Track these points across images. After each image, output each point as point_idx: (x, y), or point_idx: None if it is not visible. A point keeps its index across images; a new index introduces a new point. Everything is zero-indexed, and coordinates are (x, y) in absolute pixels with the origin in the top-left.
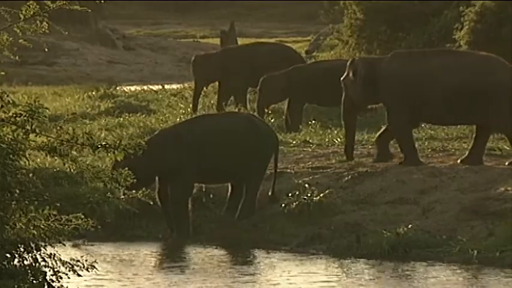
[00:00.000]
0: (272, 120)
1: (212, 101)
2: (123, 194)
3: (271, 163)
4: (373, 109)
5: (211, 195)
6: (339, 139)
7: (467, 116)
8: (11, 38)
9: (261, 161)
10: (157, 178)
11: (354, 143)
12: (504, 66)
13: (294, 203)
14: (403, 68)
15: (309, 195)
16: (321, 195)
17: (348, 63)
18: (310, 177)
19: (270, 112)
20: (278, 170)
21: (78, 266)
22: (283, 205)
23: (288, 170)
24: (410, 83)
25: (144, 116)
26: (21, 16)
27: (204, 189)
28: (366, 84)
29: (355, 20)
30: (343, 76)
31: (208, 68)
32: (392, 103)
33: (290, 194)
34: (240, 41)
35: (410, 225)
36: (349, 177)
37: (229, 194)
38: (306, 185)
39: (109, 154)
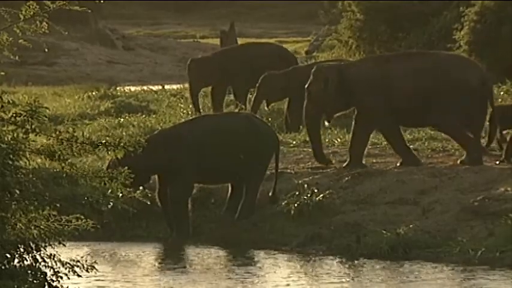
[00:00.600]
0: (271, 120)
1: None
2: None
3: (272, 163)
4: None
5: (211, 196)
6: (338, 139)
7: (432, 117)
8: (11, 38)
9: (261, 161)
10: (157, 178)
11: (321, 147)
12: (472, 65)
13: (294, 203)
14: (373, 71)
15: (309, 195)
16: (321, 195)
17: (312, 70)
18: (310, 178)
19: (268, 110)
20: (278, 170)
21: (78, 266)
22: (283, 205)
23: (288, 170)
24: (381, 86)
25: (144, 116)
26: (21, 16)
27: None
28: (339, 90)
29: (355, 21)
30: (308, 83)
31: (206, 70)
32: (374, 108)
33: (290, 194)
34: (240, 41)
35: (410, 226)
36: (349, 177)
37: (229, 194)
38: (306, 185)
39: (109, 152)
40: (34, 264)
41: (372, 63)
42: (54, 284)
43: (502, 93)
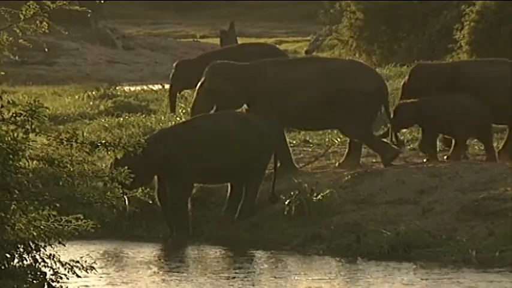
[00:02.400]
0: None
1: None
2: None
3: (271, 163)
4: None
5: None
6: (338, 139)
7: (328, 122)
8: (11, 38)
9: (260, 161)
10: (156, 178)
11: None
12: (368, 71)
13: (294, 203)
14: (270, 74)
15: (308, 195)
16: (321, 195)
17: (210, 66)
18: (310, 177)
19: None
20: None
21: (77, 267)
22: (283, 205)
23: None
24: (276, 89)
25: (144, 116)
26: (22, 16)
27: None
28: (236, 88)
29: (355, 21)
30: (204, 79)
31: (196, 73)
32: (264, 109)
33: (290, 194)
34: (240, 41)
35: (410, 225)
36: (349, 177)
37: (228, 194)
38: (306, 185)
39: (109, 153)
40: (34, 264)
41: (269, 66)
42: (54, 284)
43: None
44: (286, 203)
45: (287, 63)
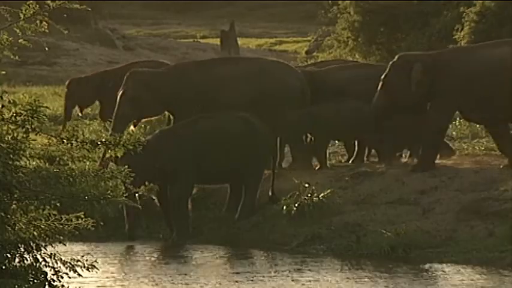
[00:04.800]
0: None
1: None
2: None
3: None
4: None
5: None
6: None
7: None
8: (11, 38)
9: (259, 161)
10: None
11: None
12: (289, 72)
13: (294, 203)
14: (193, 76)
15: (309, 195)
16: (321, 195)
17: (129, 74)
18: (310, 178)
19: None
20: (277, 171)
21: (78, 266)
22: (283, 205)
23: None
24: (201, 92)
25: None
26: (21, 16)
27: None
28: (156, 95)
29: (353, 22)
30: (125, 87)
31: (88, 90)
32: (188, 112)
33: (290, 194)
34: (240, 41)
35: (410, 226)
36: (349, 177)
37: (229, 194)
38: (306, 185)
39: (109, 151)
40: (35, 263)
41: (192, 69)
42: (55, 283)
43: None
44: (287, 203)
45: (210, 63)
